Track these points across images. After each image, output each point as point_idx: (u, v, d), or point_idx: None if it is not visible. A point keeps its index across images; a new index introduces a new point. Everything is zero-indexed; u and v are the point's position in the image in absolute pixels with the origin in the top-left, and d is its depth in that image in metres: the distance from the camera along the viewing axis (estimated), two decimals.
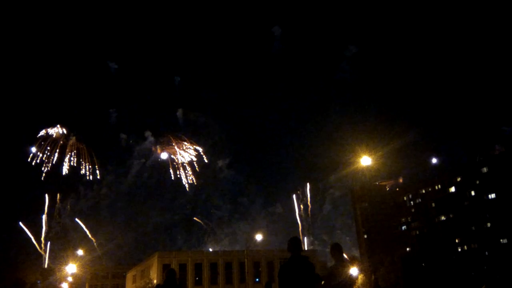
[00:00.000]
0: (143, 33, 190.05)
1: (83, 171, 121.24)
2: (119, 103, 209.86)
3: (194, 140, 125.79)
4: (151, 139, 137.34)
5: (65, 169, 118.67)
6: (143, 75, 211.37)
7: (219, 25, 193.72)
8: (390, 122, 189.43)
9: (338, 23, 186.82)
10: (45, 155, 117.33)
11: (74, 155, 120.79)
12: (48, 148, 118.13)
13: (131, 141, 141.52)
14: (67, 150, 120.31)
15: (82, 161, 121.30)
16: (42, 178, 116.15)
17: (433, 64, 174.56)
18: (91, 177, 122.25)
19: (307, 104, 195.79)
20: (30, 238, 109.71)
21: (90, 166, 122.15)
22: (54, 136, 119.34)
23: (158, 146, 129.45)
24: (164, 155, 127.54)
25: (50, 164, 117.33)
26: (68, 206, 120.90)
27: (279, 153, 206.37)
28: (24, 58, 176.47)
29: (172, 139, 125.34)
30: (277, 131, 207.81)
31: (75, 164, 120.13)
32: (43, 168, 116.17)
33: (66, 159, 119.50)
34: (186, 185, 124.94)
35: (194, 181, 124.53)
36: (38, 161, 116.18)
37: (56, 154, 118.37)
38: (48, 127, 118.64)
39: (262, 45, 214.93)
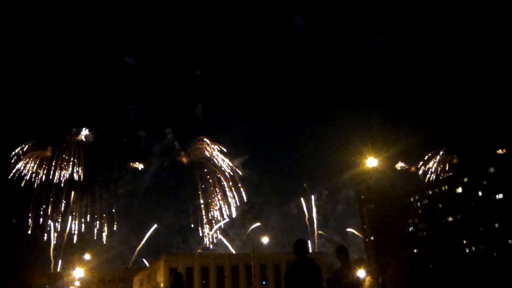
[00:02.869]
0: (161, 26, 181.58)
1: (97, 226, 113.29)
2: (138, 100, 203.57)
3: (213, 136, 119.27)
4: (170, 136, 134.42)
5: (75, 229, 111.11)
6: (162, 70, 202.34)
7: (240, 17, 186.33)
8: (398, 122, 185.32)
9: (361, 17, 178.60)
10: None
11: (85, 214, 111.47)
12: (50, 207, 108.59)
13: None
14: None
15: (97, 217, 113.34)
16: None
17: (444, 64, 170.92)
18: (105, 238, 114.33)
19: (327, 101, 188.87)
20: (39, 241, 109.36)
21: (105, 223, 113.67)
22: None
23: (183, 154, 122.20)
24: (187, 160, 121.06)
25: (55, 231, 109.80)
26: (76, 209, 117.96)
27: (296, 151, 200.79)
28: (39, 55, 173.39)
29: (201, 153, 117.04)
30: (295, 129, 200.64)
31: (87, 220, 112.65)
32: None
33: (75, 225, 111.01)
34: (211, 246, 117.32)
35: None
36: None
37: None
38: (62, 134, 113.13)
39: (284, 37, 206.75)
